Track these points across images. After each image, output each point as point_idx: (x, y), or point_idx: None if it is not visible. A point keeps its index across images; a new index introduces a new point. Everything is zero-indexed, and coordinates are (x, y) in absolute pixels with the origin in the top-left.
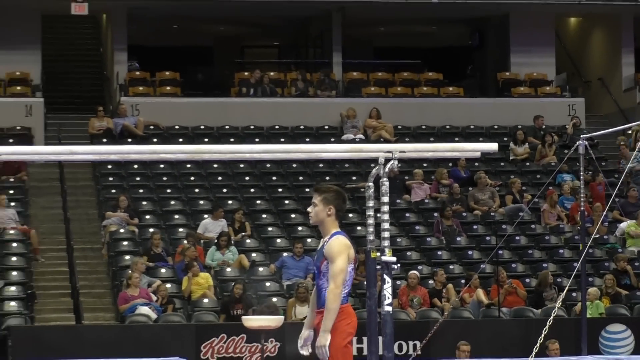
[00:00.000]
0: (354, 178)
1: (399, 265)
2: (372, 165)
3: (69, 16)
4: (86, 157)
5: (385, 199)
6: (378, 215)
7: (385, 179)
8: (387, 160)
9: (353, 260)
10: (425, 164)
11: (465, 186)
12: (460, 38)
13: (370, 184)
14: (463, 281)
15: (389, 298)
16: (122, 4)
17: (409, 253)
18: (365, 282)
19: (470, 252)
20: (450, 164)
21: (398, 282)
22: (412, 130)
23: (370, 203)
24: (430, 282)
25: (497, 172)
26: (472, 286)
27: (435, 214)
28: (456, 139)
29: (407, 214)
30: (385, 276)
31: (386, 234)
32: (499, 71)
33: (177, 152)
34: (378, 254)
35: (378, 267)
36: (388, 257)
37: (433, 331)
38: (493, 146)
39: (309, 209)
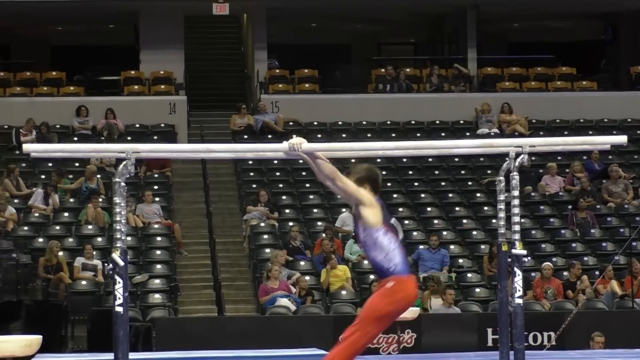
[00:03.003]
0: (489, 172)
1: (529, 258)
2: (506, 159)
3: (211, 16)
4: (222, 155)
5: (516, 192)
6: (509, 208)
7: (515, 172)
8: (517, 155)
9: (383, 224)
10: (559, 157)
11: (599, 179)
12: (593, 32)
13: (501, 177)
14: (597, 272)
15: (519, 290)
16: (262, 3)
17: (543, 245)
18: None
19: (604, 244)
20: (584, 157)
21: (532, 274)
22: (547, 124)
23: (502, 197)
24: (565, 273)
25: (631, 164)
26: (606, 277)
27: (569, 207)
28: (590, 132)
29: (542, 207)
30: (515, 269)
31: (516, 227)
32: (632, 65)
33: (314, 149)
34: (509, 246)
35: (509, 259)
36: (519, 250)
37: (567, 322)
38: (622, 138)
39: None
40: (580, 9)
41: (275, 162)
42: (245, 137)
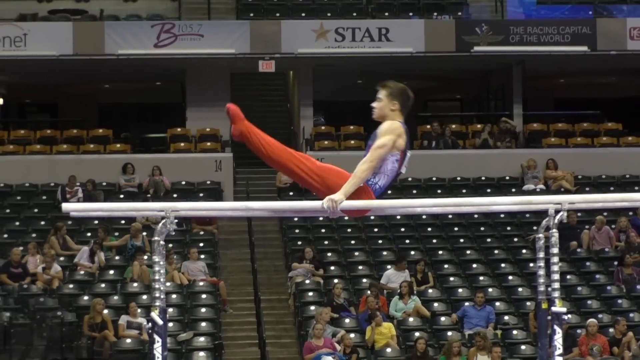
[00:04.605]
0: (534, 228)
1: (569, 316)
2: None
3: (257, 73)
4: (261, 213)
5: (555, 249)
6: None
7: (554, 230)
8: (557, 212)
9: (400, 151)
10: (605, 213)
11: None
12: (639, 88)
13: (541, 235)
14: None
15: (559, 349)
16: (309, 61)
17: (589, 302)
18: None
19: None
20: (631, 213)
21: (578, 331)
22: (593, 180)
23: (541, 254)
24: (611, 330)
25: None
26: None
27: (615, 263)
28: (636, 188)
29: (587, 263)
30: (555, 327)
31: (556, 285)
32: None
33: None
34: (549, 304)
35: (549, 317)
36: (558, 307)
37: None
38: None
39: (373, 104)
40: (626, 65)
41: (321, 218)
42: (291, 193)
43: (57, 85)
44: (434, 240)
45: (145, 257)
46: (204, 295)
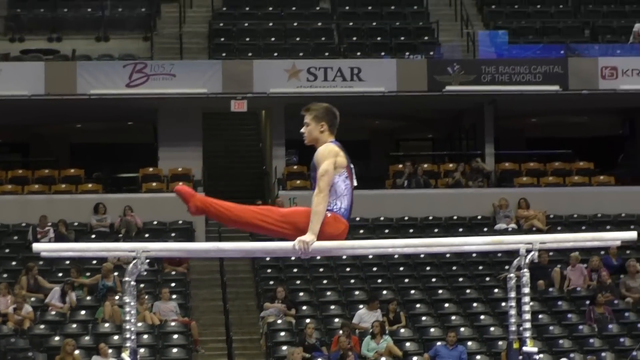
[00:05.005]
0: (506, 267)
1: (541, 356)
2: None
3: (229, 113)
4: (232, 253)
5: (527, 289)
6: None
7: (526, 270)
8: (528, 251)
9: (345, 169)
10: (577, 252)
11: (617, 274)
12: (611, 127)
13: (512, 275)
14: None
15: None
16: (280, 100)
17: (561, 341)
18: None
19: (622, 340)
20: (602, 252)
21: None
22: (565, 219)
23: (512, 294)
24: None
25: None
26: None
27: (587, 302)
28: (607, 227)
29: (559, 302)
30: None
31: (527, 325)
32: None
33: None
34: (520, 344)
35: (520, 357)
36: (530, 347)
37: None
38: (632, 235)
39: (302, 130)
40: (597, 104)
41: (293, 258)
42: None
43: (29, 125)
44: (406, 280)
45: (117, 297)
46: (175, 336)
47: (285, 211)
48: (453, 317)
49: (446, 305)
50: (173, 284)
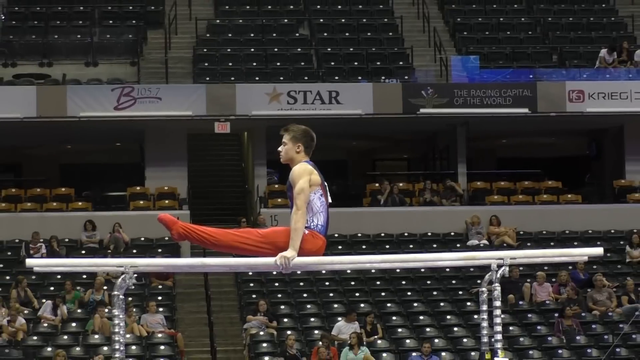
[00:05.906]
0: (478, 281)
1: None
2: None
3: (213, 134)
4: (217, 268)
5: (498, 302)
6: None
7: (497, 284)
8: (499, 266)
9: (319, 186)
10: (546, 267)
11: (585, 287)
12: (578, 148)
13: (484, 289)
14: None
15: None
16: (262, 122)
17: (530, 352)
18: None
19: (589, 350)
20: (570, 267)
21: None
22: (534, 235)
23: (484, 307)
24: None
25: (614, 274)
26: None
27: (556, 314)
28: (575, 243)
29: (529, 315)
30: None
31: (499, 336)
32: (615, 179)
33: (305, 264)
34: (492, 355)
35: None
36: (501, 357)
37: None
38: (599, 250)
39: (279, 149)
40: (565, 126)
41: (274, 273)
42: None
43: (21, 147)
44: (383, 294)
45: (106, 310)
46: (162, 347)
47: (264, 232)
48: (428, 329)
49: (421, 317)
50: (160, 298)
